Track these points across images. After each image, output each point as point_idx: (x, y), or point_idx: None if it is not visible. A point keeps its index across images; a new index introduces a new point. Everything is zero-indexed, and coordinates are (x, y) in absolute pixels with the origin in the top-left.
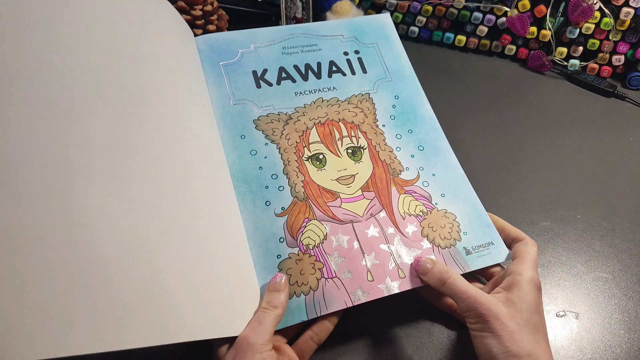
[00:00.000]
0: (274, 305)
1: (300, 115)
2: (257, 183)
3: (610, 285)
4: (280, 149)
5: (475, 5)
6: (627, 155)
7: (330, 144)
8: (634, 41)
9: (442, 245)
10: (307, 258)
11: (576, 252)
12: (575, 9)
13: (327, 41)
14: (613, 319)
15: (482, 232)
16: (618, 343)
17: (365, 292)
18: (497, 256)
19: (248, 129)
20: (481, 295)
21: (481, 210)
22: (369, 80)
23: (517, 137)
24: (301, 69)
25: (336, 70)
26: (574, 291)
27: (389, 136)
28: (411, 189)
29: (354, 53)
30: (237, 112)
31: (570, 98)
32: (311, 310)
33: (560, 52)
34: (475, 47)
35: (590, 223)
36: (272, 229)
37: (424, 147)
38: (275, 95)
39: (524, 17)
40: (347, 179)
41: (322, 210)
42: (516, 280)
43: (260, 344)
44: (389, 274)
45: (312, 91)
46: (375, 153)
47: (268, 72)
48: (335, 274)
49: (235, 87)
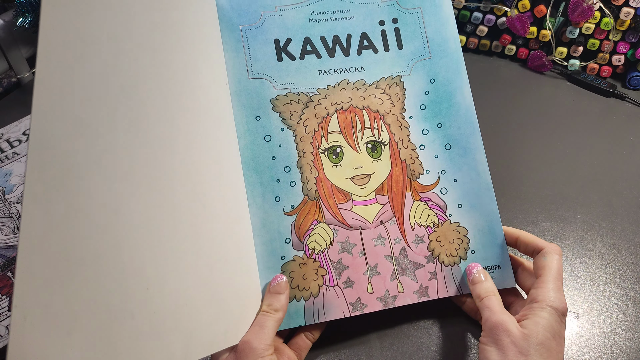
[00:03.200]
0: (274, 308)
1: (322, 98)
2: (269, 175)
3: (610, 285)
4: (296, 137)
5: (475, 5)
6: (627, 155)
7: (349, 136)
8: (634, 41)
9: (446, 262)
10: (312, 263)
11: (576, 252)
12: (575, 9)
13: (362, 6)
14: (613, 319)
15: (492, 253)
16: (618, 343)
17: (364, 304)
18: (500, 282)
19: (265, 109)
20: (503, 313)
21: (498, 229)
22: (403, 58)
23: (517, 137)
24: (328, 43)
25: (367, 46)
26: (574, 291)
27: (414, 131)
28: (427, 196)
29: (391, 22)
30: (254, 89)
31: (570, 98)
32: (309, 317)
33: (560, 52)
34: (475, 47)
35: (590, 223)
36: (279, 227)
37: (451, 145)
38: (297, 72)
39: (524, 17)
40: (363, 178)
41: (332, 213)
42: (533, 308)
43: (262, 348)
44: (389, 287)
45: (338, 70)
46: (397, 150)
47: (292, 43)
48: (337, 282)
49: (254, 58)
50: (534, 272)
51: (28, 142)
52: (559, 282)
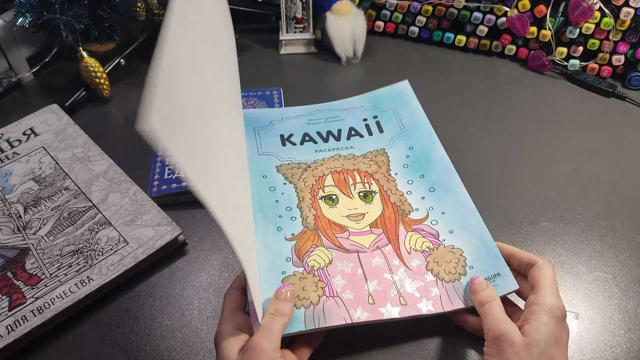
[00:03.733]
0: (281, 313)
1: (319, 165)
2: (272, 212)
3: (610, 285)
4: (297, 188)
5: (475, 5)
6: (627, 155)
7: (343, 188)
8: (634, 41)
9: (446, 279)
10: (311, 277)
11: (576, 252)
12: (575, 9)
13: (349, 112)
14: (613, 319)
15: (490, 264)
16: (618, 343)
17: (365, 312)
18: (503, 287)
19: (270, 171)
20: (505, 321)
21: (489, 242)
22: (385, 138)
23: (517, 137)
24: (323, 135)
25: (355, 134)
26: (574, 291)
27: (401, 182)
28: (419, 227)
29: (372, 118)
30: (263, 160)
31: (570, 98)
32: (310, 322)
33: (560, 52)
34: (475, 47)
35: (590, 223)
36: (280, 249)
37: (435, 188)
38: (297, 152)
39: (524, 17)
40: (357, 216)
41: (330, 240)
42: (533, 311)
43: (271, 350)
44: (390, 300)
45: (331, 149)
46: (386, 196)
47: (294, 136)
48: (337, 294)
49: (263, 143)
50: (529, 283)
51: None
52: (556, 289)
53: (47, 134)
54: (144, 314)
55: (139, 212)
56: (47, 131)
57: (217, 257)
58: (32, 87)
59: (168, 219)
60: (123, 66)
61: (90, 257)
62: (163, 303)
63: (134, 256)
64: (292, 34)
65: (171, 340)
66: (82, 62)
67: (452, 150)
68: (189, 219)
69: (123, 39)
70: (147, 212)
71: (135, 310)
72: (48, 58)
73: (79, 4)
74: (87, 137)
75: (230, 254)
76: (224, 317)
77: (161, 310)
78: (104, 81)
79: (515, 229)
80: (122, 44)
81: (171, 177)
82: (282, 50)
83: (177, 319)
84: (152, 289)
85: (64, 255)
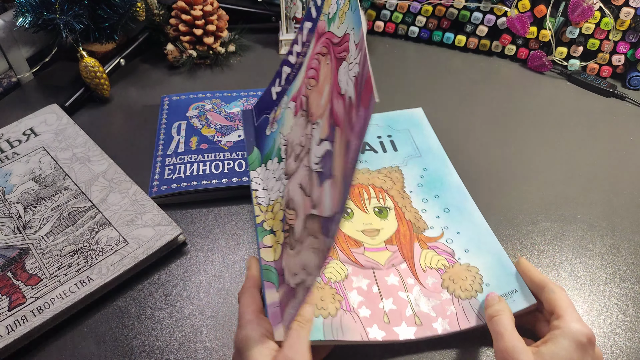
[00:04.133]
0: (306, 319)
1: None
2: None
3: (610, 285)
4: None
5: (475, 5)
6: (627, 155)
7: (358, 202)
8: (634, 41)
9: (463, 296)
10: (328, 289)
11: (576, 252)
12: (575, 9)
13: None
14: (613, 319)
15: (506, 281)
16: (618, 343)
17: (381, 331)
18: (520, 303)
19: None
20: (512, 337)
21: (505, 260)
22: (399, 157)
23: (517, 137)
24: None
25: (369, 149)
26: (574, 291)
27: (415, 200)
28: (434, 245)
29: (386, 137)
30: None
31: (570, 98)
32: (328, 333)
33: (560, 52)
34: (475, 47)
35: (590, 223)
36: None
37: (449, 209)
38: None
39: (524, 17)
40: (372, 232)
41: (346, 254)
42: (554, 335)
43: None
44: (405, 320)
45: None
46: (401, 213)
47: None
48: (354, 309)
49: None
50: (545, 307)
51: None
52: (577, 313)
53: (47, 134)
54: (144, 314)
55: (139, 212)
56: (47, 131)
57: (217, 257)
58: (32, 87)
59: (168, 219)
60: (123, 66)
61: (90, 257)
62: (163, 303)
63: (134, 256)
64: (292, 34)
65: (171, 340)
66: (82, 62)
67: (452, 150)
68: (189, 219)
69: (123, 39)
70: (147, 212)
71: (135, 310)
72: (48, 58)
73: (79, 4)
74: (87, 137)
75: (230, 254)
76: (249, 320)
77: (161, 310)
78: (104, 81)
79: (515, 229)
80: (122, 44)
81: (171, 177)
82: (282, 50)
83: (177, 319)
84: (152, 289)
85: (64, 255)
